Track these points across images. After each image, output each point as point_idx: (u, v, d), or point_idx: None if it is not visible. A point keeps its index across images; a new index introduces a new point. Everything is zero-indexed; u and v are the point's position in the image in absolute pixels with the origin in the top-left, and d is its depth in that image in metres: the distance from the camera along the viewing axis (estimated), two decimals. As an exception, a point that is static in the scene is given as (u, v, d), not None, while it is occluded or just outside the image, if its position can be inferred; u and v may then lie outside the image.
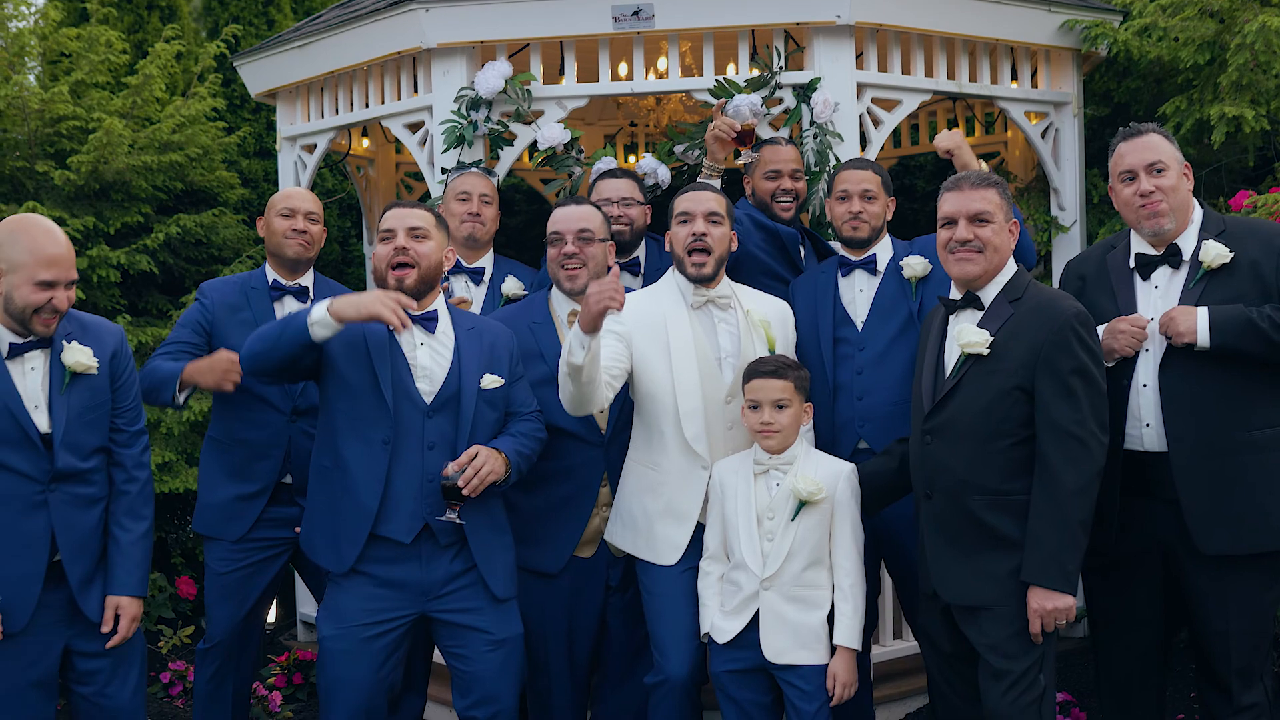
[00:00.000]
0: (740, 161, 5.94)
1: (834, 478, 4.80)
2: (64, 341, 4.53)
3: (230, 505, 5.47)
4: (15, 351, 4.45)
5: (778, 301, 5.32)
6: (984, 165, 5.56)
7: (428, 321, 4.84)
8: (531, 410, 5.03)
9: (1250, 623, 4.70)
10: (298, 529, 5.42)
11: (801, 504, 4.73)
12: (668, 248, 5.14)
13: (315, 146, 7.25)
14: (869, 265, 5.45)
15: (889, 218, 5.51)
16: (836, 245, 5.68)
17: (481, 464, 4.62)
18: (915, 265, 5.38)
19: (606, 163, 6.28)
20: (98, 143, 7.58)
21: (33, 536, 4.42)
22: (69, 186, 7.70)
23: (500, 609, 4.85)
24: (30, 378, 4.47)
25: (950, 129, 5.76)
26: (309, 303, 5.43)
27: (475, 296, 5.85)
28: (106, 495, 4.66)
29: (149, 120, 8.26)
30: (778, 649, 4.72)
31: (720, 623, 4.82)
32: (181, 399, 5.29)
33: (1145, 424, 4.73)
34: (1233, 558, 4.65)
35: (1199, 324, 4.56)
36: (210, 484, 5.52)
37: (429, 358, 4.81)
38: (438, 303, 4.91)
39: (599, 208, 5.42)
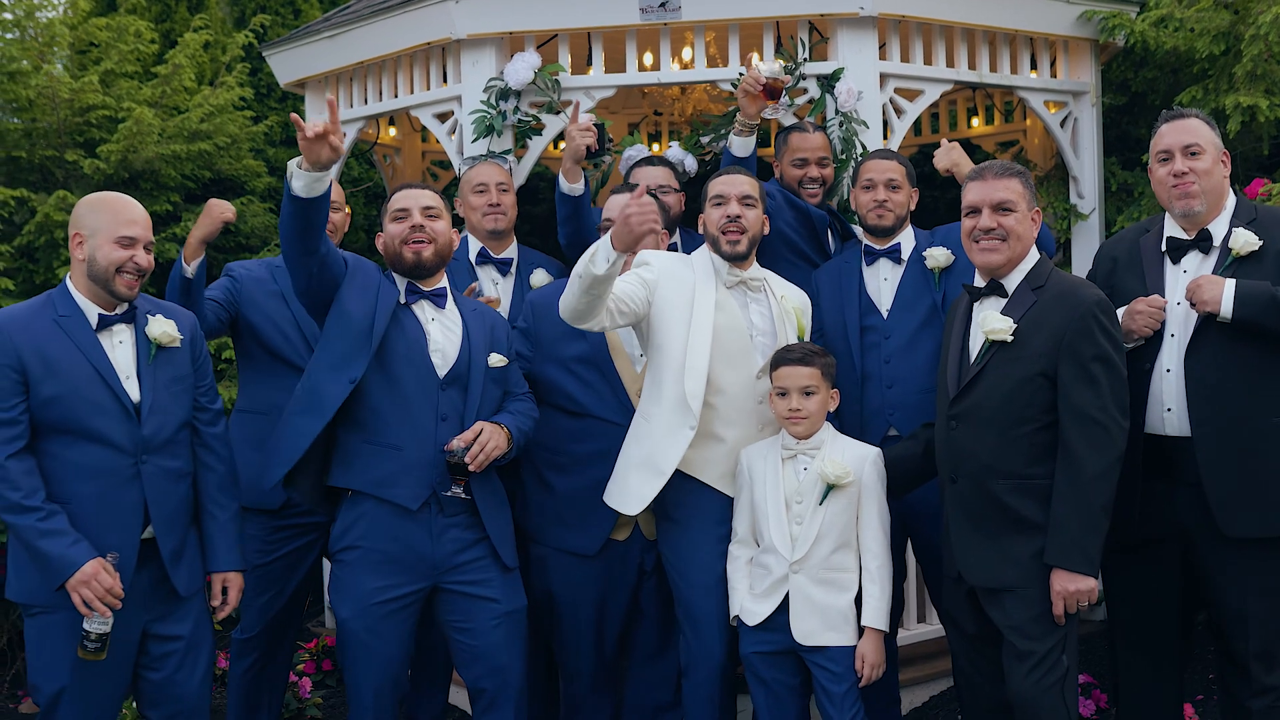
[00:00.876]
0: (768, 116, 5.98)
1: (860, 461, 4.88)
2: (148, 316, 4.68)
3: (258, 479, 5.35)
4: (104, 324, 4.58)
5: (800, 291, 5.39)
6: None
7: (438, 298, 4.99)
8: (525, 391, 5.19)
9: (1270, 605, 4.77)
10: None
11: (829, 488, 4.81)
12: (701, 230, 5.22)
13: (344, 136, 7.27)
14: (893, 254, 5.53)
15: (912, 207, 5.59)
16: (860, 232, 5.76)
17: (487, 439, 4.77)
18: (938, 256, 5.46)
19: (638, 150, 6.38)
20: (127, 132, 7.65)
21: (128, 508, 4.52)
22: (98, 175, 7.77)
23: (508, 580, 4.98)
24: (120, 350, 4.60)
25: (949, 143, 5.82)
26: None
27: (504, 288, 5.94)
28: (191, 471, 4.77)
29: (178, 109, 8.34)
30: (807, 631, 4.80)
31: (750, 605, 4.90)
32: (191, 269, 5.29)
33: (1167, 408, 4.80)
34: (1255, 541, 4.72)
35: (1225, 294, 4.61)
36: (241, 459, 5.38)
37: (441, 334, 4.96)
38: (443, 283, 5.06)
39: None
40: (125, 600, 4.45)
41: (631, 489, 5.00)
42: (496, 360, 5.02)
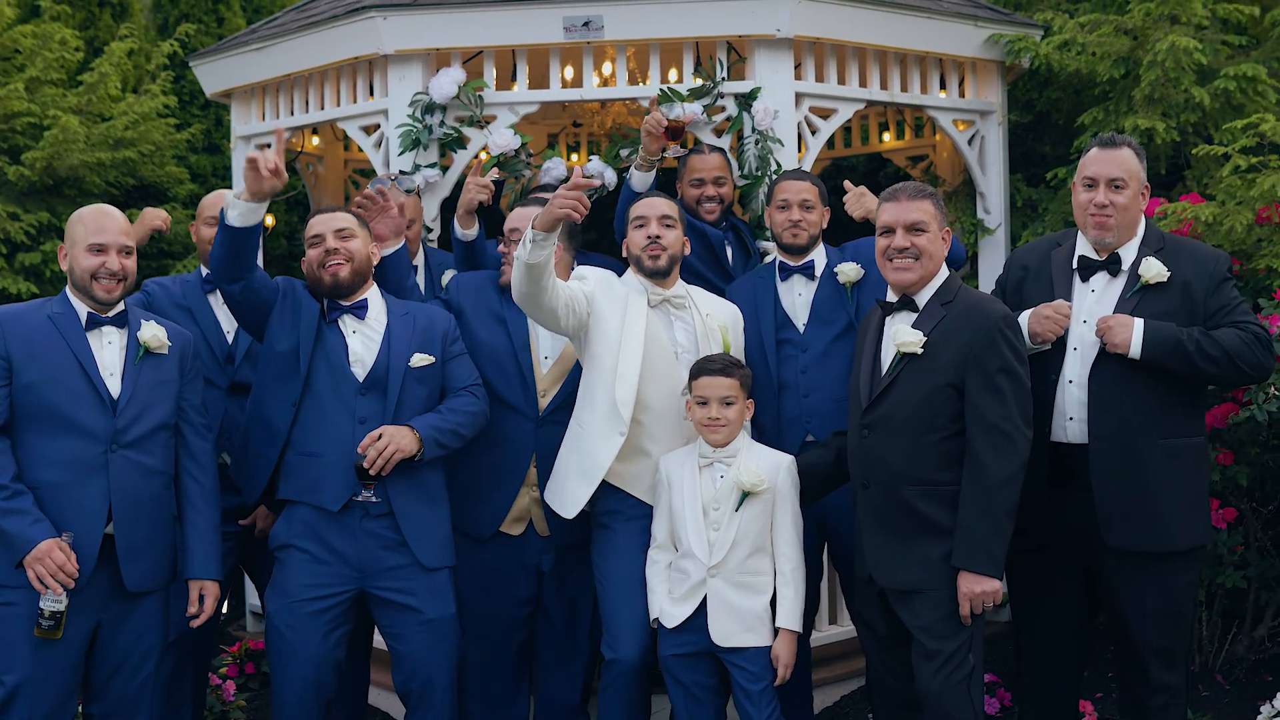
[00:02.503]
0: (669, 155, 6.14)
1: (775, 469, 5.02)
2: (141, 321, 4.83)
3: None
4: (93, 324, 4.73)
5: (730, 305, 5.57)
6: None
7: (359, 310, 5.17)
8: (469, 384, 5.29)
9: (1164, 607, 4.92)
10: (243, 521, 5.58)
11: (745, 495, 4.94)
12: (625, 254, 5.41)
13: (269, 146, 7.31)
14: (807, 270, 5.70)
15: (824, 225, 5.76)
16: (771, 247, 5.96)
17: (385, 444, 4.90)
18: (848, 271, 5.64)
19: (556, 163, 6.52)
20: (53, 139, 7.68)
21: (92, 498, 4.62)
22: (22, 182, 7.80)
23: (433, 587, 5.09)
24: (108, 350, 4.75)
25: (857, 191, 6.02)
26: None
27: None
28: (168, 473, 4.87)
29: (103, 117, 8.35)
30: (724, 633, 4.94)
31: (669, 608, 5.02)
32: None
33: (1069, 418, 4.94)
34: (1135, 552, 4.89)
35: (1134, 337, 4.77)
36: None
37: (361, 344, 5.14)
38: (370, 294, 5.22)
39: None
40: (81, 596, 4.56)
41: (568, 493, 5.18)
42: (420, 360, 5.15)
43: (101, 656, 4.75)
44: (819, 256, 5.74)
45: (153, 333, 4.82)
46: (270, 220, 8.07)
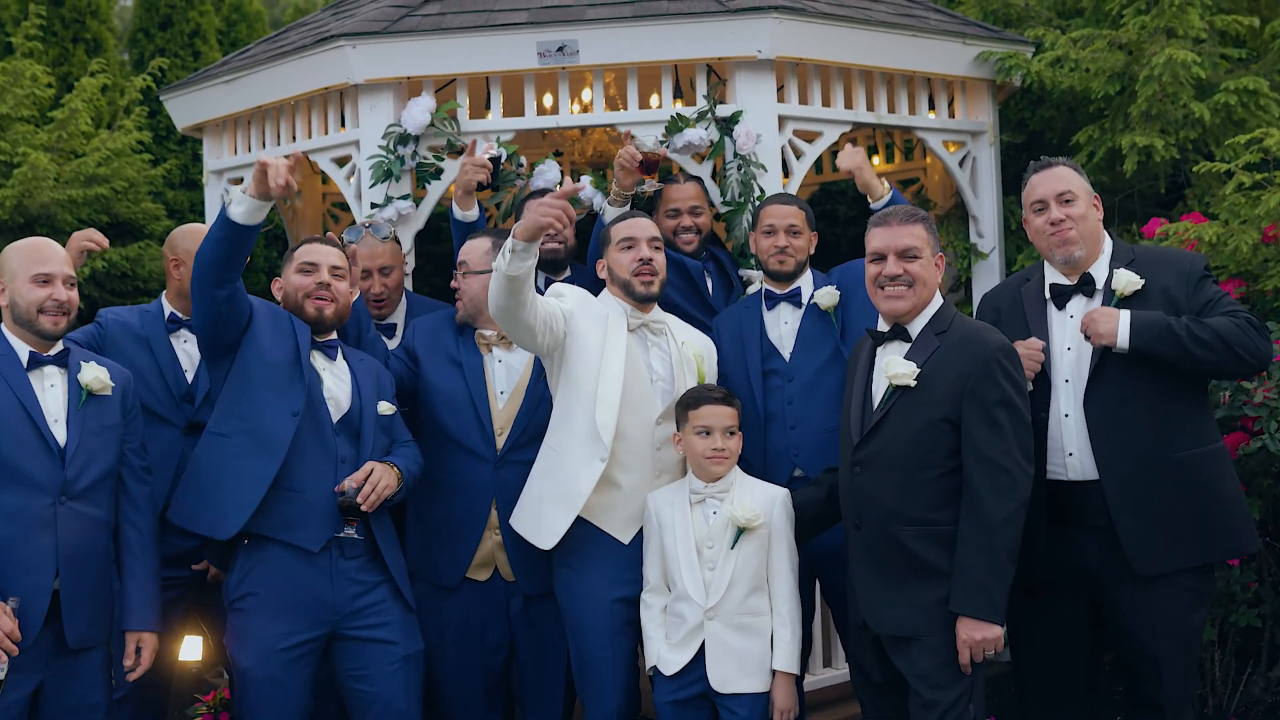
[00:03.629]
0: (646, 189, 6.01)
1: (770, 503, 4.87)
2: (81, 363, 4.66)
3: None
4: (35, 363, 4.56)
5: (704, 336, 5.43)
6: (884, 183, 5.69)
7: (330, 349, 5.06)
8: (409, 439, 5.24)
9: (1179, 646, 4.77)
10: (196, 566, 5.39)
11: (740, 531, 4.79)
12: (602, 274, 5.23)
13: (242, 180, 7.23)
14: (794, 298, 5.55)
15: (812, 251, 5.61)
16: (756, 274, 5.80)
17: (378, 479, 4.83)
18: (824, 297, 5.49)
19: (550, 166, 6.36)
20: (22, 177, 7.56)
21: (41, 554, 4.45)
22: (-8, 221, 7.68)
23: (408, 622, 5.00)
24: (51, 393, 4.59)
25: (853, 145, 5.87)
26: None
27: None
28: (112, 524, 4.71)
29: (75, 153, 8.23)
30: (723, 679, 4.78)
31: (667, 655, 4.86)
32: None
33: (1069, 453, 4.79)
34: (1165, 579, 4.71)
35: (1121, 325, 4.62)
36: None
37: (333, 382, 5.02)
38: (335, 336, 5.15)
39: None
40: (26, 654, 4.38)
41: (545, 522, 5.01)
42: (385, 408, 5.10)
43: (45, 717, 4.56)
44: (806, 283, 5.59)
45: (94, 374, 4.66)
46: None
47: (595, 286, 5.34)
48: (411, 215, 6.31)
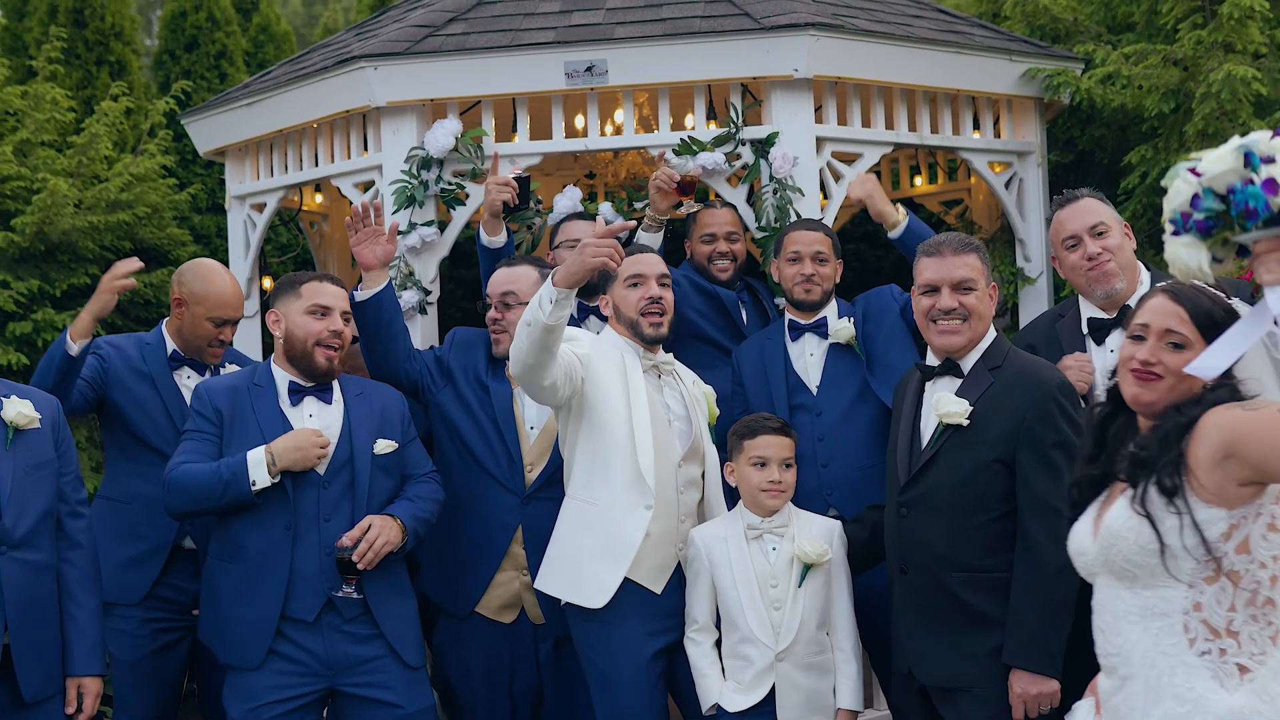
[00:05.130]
0: (682, 212, 5.86)
1: (829, 536, 4.72)
2: (3, 399, 4.40)
3: (120, 571, 5.18)
4: None
5: (702, 383, 5.20)
6: (899, 209, 5.50)
7: (323, 392, 4.85)
8: (428, 471, 5.00)
9: None
10: (196, 612, 5.23)
11: (807, 568, 4.62)
12: (606, 310, 5.03)
13: (265, 205, 7.09)
14: (819, 329, 5.38)
15: (838, 280, 5.43)
16: (780, 302, 5.63)
17: (375, 535, 4.60)
18: (840, 331, 5.33)
19: (570, 193, 6.18)
20: (42, 203, 7.41)
21: None
22: (13, 249, 7.51)
23: (411, 679, 4.79)
24: None
25: (869, 173, 5.66)
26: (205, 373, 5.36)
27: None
28: (54, 567, 4.46)
29: (97, 178, 8.09)
30: (792, 718, 4.63)
31: (733, 695, 4.67)
32: (76, 348, 4.99)
33: None
34: None
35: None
36: (104, 549, 5.03)
37: (319, 428, 4.78)
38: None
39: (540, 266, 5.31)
40: None
41: (592, 580, 4.74)
42: (383, 447, 4.84)
43: None
44: (831, 313, 5.41)
45: (18, 409, 4.39)
46: (269, 283, 7.73)
47: None
48: (436, 242, 6.13)
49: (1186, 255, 3.05)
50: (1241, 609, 3.14)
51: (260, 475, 4.55)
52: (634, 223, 4.86)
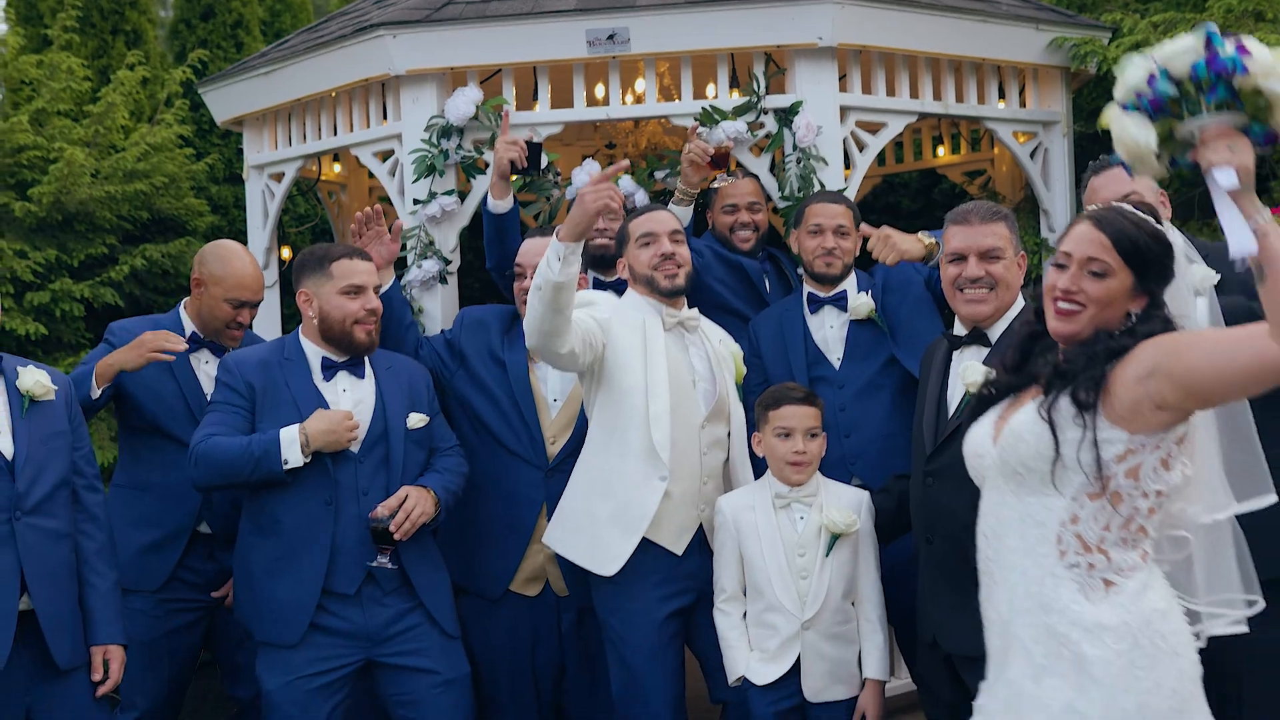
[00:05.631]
0: (716, 185, 5.82)
1: (858, 506, 4.70)
2: (17, 369, 4.41)
3: (138, 558, 5.17)
4: None
5: (729, 336, 5.17)
6: (921, 240, 5.32)
7: (355, 367, 4.81)
8: (452, 445, 4.98)
9: (1260, 664, 4.40)
10: (215, 593, 5.22)
11: (835, 538, 4.60)
12: (625, 274, 5.00)
13: (283, 175, 7.05)
14: (839, 301, 5.33)
15: (857, 252, 5.38)
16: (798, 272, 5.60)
17: (413, 506, 4.58)
18: (859, 307, 5.28)
19: (589, 166, 6.14)
20: (59, 173, 7.38)
21: (4, 571, 4.21)
22: (30, 218, 7.49)
23: (448, 648, 4.78)
24: None
25: (880, 234, 5.51)
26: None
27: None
28: (71, 533, 4.46)
29: (113, 148, 8.05)
30: (817, 689, 4.62)
31: (759, 666, 4.66)
32: (98, 393, 5.01)
33: None
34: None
35: (1200, 317, 4.37)
36: (120, 537, 5.02)
37: (352, 403, 4.75)
38: None
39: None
40: (7, 678, 4.19)
41: (606, 548, 4.76)
42: (416, 421, 4.82)
43: None
44: (851, 286, 5.37)
45: (34, 379, 4.41)
46: (288, 253, 7.69)
47: None
48: (456, 211, 6.08)
49: (1135, 132, 2.99)
50: (1115, 530, 3.24)
51: (293, 455, 4.52)
52: (626, 162, 4.79)
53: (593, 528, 4.79)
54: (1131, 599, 3.21)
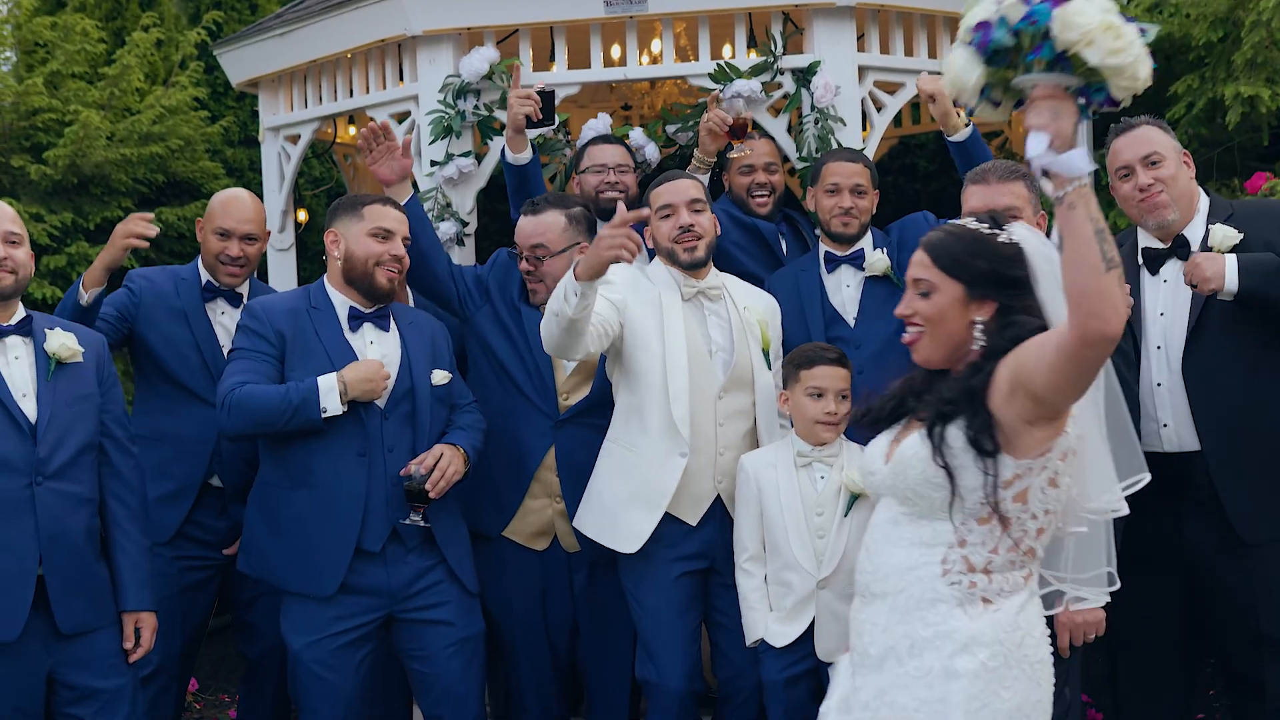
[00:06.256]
0: (733, 155, 5.80)
1: None
2: (46, 330, 4.40)
3: (150, 509, 5.09)
4: None
5: (766, 295, 5.19)
6: (962, 116, 5.39)
7: (380, 319, 4.80)
8: (470, 401, 5.00)
9: None
10: (227, 551, 5.22)
11: (854, 498, 4.61)
12: (649, 243, 4.98)
13: (299, 137, 7.02)
14: (856, 260, 5.32)
15: (873, 211, 5.37)
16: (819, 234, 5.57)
17: (447, 464, 4.60)
18: (876, 263, 5.27)
19: (602, 120, 6.14)
20: (74, 136, 7.39)
21: (21, 538, 4.22)
22: (46, 181, 7.51)
23: (466, 604, 4.81)
24: (15, 366, 4.33)
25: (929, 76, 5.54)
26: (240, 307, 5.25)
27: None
28: (95, 499, 4.46)
29: (129, 111, 8.05)
30: (829, 649, 4.59)
31: (776, 627, 4.69)
32: (87, 298, 5.00)
33: (1163, 424, 4.61)
34: (1271, 546, 4.55)
35: (1228, 267, 4.37)
36: None
37: (379, 356, 4.75)
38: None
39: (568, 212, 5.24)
40: (22, 644, 4.20)
41: (626, 527, 4.81)
42: (440, 378, 4.82)
43: (68, 705, 4.38)
44: (868, 245, 5.35)
45: (61, 341, 4.39)
46: (304, 215, 7.68)
47: None
48: (473, 173, 6.05)
49: (961, 68, 2.93)
50: (1003, 553, 3.27)
51: (332, 403, 4.51)
52: (647, 211, 4.74)
53: (614, 507, 4.83)
54: (1009, 617, 3.26)
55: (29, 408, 4.29)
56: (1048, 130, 2.82)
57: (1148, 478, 3.42)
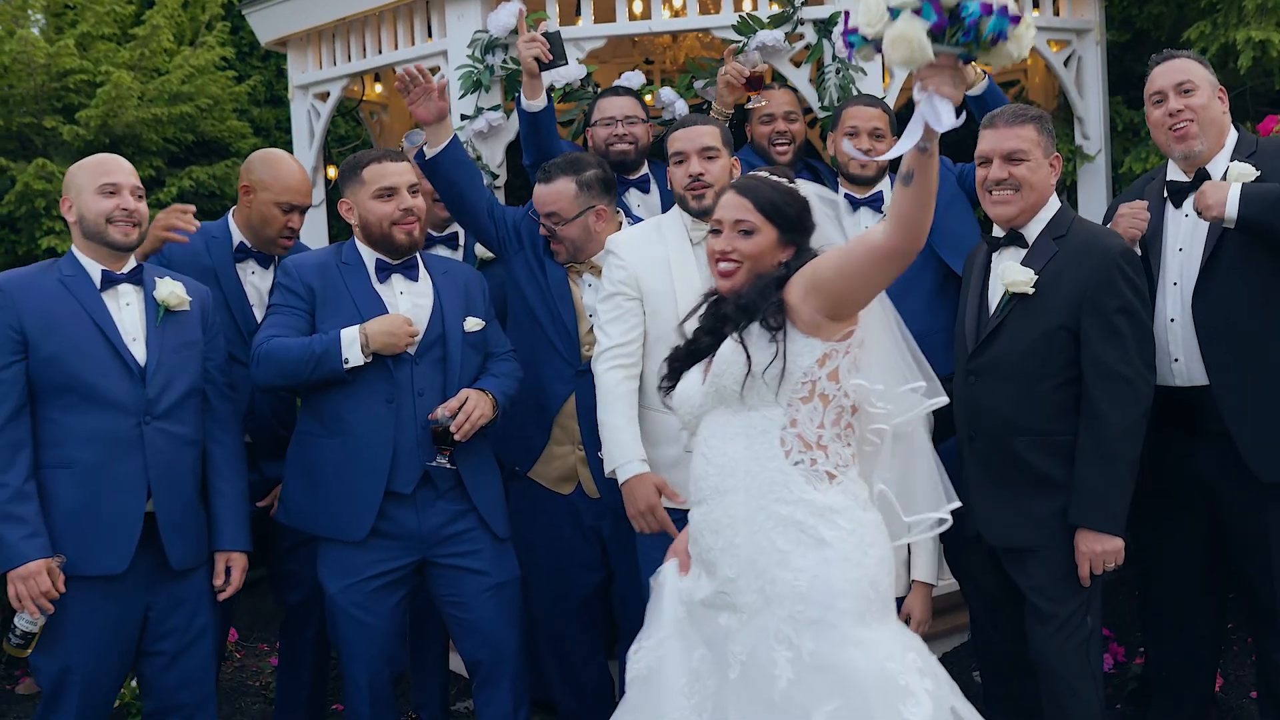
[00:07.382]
0: (751, 106, 5.88)
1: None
2: (156, 279, 4.57)
3: None
4: (108, 283, 4.49)
5: None
6: (978, 69, 5.43)
7: (409, 270, 4.89)
8: (507, 350, 5.08)
9: None
10: (260, 503, 5.27)
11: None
12: (669, 186, 5.07)
13: (328, 95, 7.14)
14: (875, 202, 5.45)
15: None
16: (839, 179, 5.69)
17: (473, 408, 4.68)
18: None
19: (636, 76, 6.24)
20: (106, 96, 7.46)
21: (130, 475, 4.40)
22: (78, 141, 7.57)
23: (500, 551, 4.90)
24: (127, 311, 4.51)
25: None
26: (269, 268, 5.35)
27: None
28: (200, 440, 4.65)
29: (158, 71, 8.13)
30: None
31: None
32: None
33: (1175, 359, 4.68)
34: None
35: (1230, 195, 4.43)
36: None
37: (410, 306, 4.85)
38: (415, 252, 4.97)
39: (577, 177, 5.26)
40: (126, 579, 4.37)
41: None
42: (473, 324, 4.91)
43: (155, 642, 4.56)
44: (886, 187, 5.48)
45: (170, 289, 4.57)
46: (334, 173, 7.79)
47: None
48: (503, 126, 6.16)
49: (904, 28, 3.01)
50: (830, 426, 3.69)
51: (354, 354, 4.62)
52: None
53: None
54: (852, 486, 3.70)
55: (139, 351, 4.47)
56: (951, 99, 3.05)
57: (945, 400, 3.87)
